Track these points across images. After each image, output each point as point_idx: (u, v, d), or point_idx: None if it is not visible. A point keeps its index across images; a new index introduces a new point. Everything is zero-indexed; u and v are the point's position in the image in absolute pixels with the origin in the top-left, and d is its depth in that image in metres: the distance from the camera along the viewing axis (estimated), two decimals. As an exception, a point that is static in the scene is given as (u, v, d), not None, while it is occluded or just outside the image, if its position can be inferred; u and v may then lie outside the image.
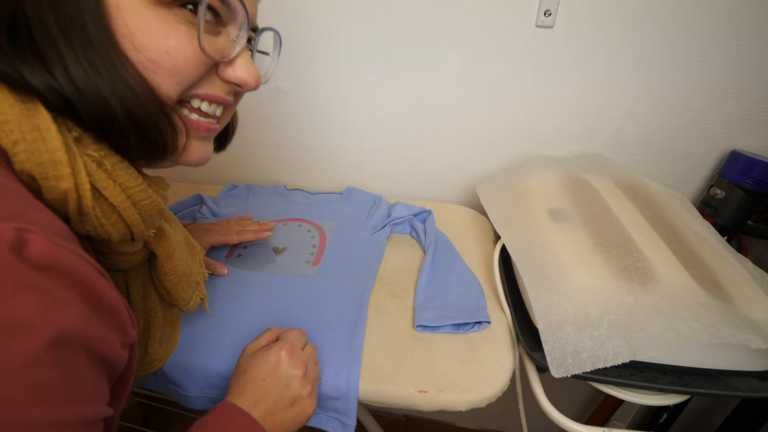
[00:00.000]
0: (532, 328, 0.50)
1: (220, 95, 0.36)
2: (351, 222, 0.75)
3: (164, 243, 0.41)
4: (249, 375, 0.42)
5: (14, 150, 0.25)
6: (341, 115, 0.81)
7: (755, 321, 0.45)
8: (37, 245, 0.21)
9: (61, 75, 0.26)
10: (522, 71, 0.71)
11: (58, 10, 0.25)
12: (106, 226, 0.30)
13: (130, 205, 0.31)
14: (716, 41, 0.64)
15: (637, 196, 0.64)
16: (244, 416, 0.38)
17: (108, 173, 0.29)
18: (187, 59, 0.30)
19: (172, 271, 0.43)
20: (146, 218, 0.34)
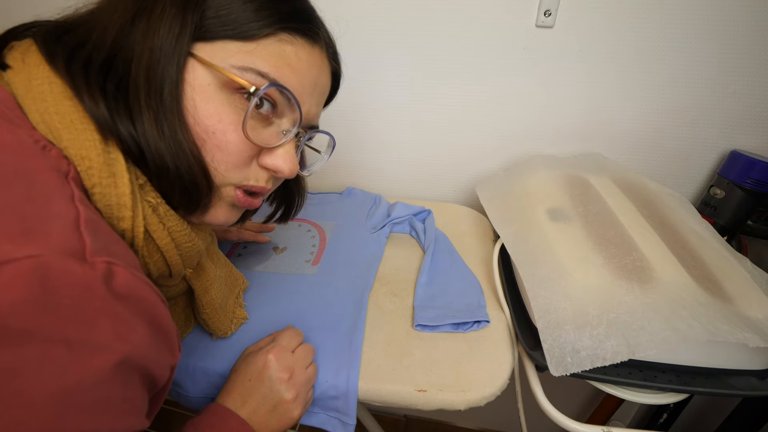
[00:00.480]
0: (531, 327, 0.50)
1: (260, 185, 0.38)
2: (351, 222, 0.75)
3: (203, 278, 0.45)
4: (238, 375, 0.43)
5: (92, 191, 0.29)
6: (341, 114, 0.81)
7: (754, 320, 0.45)
8: (120, 277, 0.25)
9: (140, 129, 0.31)
10: (522, 71, 0.71)
11: (149, 79, 0.30)
12: (150, 264, 0.34)
13: (173, 247, 0.35)
14: (716, 41, 0.64)
15: (637, 195, 0.64)
16: (234, 417, 0.40)
17: (160, 218, 0.33)
18: (229, 142, 0.34)
19: (209, 305, 0.47)
20: (185, 258, 0.38)
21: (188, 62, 0.32)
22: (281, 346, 0.45)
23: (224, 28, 0.32)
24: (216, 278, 0.47)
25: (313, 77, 0.38)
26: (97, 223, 0.27)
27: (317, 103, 0.41)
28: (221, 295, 0.48)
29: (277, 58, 0.34)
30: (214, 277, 0.46)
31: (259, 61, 0.33)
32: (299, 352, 0.46)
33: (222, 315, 0.49)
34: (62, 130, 0.28)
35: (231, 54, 0.33)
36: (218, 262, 0.49)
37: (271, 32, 0.33)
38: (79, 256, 0.23)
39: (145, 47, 0.30)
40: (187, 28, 0.31)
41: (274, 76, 0.34)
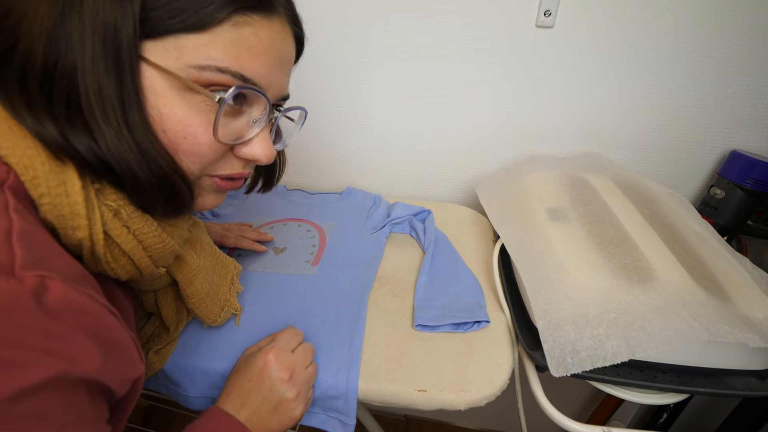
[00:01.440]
0: (531, 327, 0.50)
1: (236, 172, 0.38)
2: (351, 222, 0.75)
3: (184, 270, 0.44)
4: (238, 375, 0.43)
5: (39, 201, 0.27)
6: (341, 114, 0.81)
7: (754, 320, 0.45)
8: (55, 291, 0.24)
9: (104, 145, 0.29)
10: (522, 71, 0.71)
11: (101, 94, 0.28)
12: (116, 268, 0.33)
13: (141, 250, 0.34)
14: (716, 41, 0.64)
15: (637, 195, 0.64)
16: (232, 421, 0.40)
17: (123, 221, 0.32)
18: (201, 145, 0.33)
19: (194, 295, 0.46)
20: (157, 259, 0.36)
21: (141, 67, 0.29)
22: (281, 346, 0.45)
23: (172, 21, 0.29)
24: (200, 268, 0.45)
25: (277, 52, 0.35)
26: (32, 235, 0.25)
27: (284, 74, 0.38)
28: (207, 284, 0.47)
29: (236, 46, 0.31)
30: (197, 268, 0.45)
31: (216, 53, 0.30)
32: (299, 352, 0.46)
33: (210, 303, 0.48)
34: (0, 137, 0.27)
35: (186, 51, 0.30)
36: (202, 251, 0.47)
37: (224, 17, 0.30)
38: (7, 270, 0.22)
39: (86, 55, 0.27)
40: (130, 25, 0.27)
41: (236, 68, 0.31)
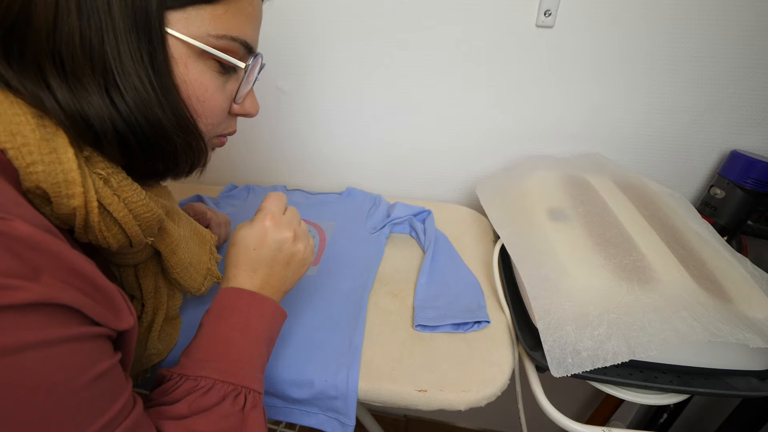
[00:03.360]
0: (531, 327, 0.50)
1: (231, 130, 0.42)
2: (351, 222, 0.75)
3: (167, 240, 0.43)
4: (239, 248, 0.43)
5: (29, 170, 0.27)
6: (341, 115, 0.81)
7: (754, 320, 0.45)
8: (21, 229, 0.22)
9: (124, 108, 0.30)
10: (522, 71, 0.71)
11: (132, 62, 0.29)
12: (108, 237, 0.33)
13: (132, 218, 0.34)
14: (716, 41, 0.64)
15: (637, 195, 0.64)
16: (244, 294, 0.41)
17: (113, 190, 0.32)
18: (215, 107, 0.36)
19: (178, 265, 0.45)
20: (145, 228, 0.37)
21: (167, 38, 0.31)
22: (273, 211, 0.44)
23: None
24: (181, 238, 0.46)
25: (260, 15, 0.38)
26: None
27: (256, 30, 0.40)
28: (190, 254, 0.47)
29: (241, 16, 0.34)
30: (178, 238, 0.45)
31: (230, 23, 0.33)
32: (290, 213, 0.46)
33: (194, 272, 0.48)
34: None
35: (205, 22, 0.32)
36: (180, 222, 0.48)
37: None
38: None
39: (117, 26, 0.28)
40: None
41: (243, 36, 0.35)
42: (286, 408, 0.48)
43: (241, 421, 0.35)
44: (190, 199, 0.79)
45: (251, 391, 0.37)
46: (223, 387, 0.35)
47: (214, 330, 0.39)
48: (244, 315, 0.40)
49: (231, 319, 0.40)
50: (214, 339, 0.38)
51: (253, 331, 0.40)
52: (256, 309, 0.41)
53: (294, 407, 0.48)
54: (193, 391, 0.34)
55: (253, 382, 0.37)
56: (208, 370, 0.36)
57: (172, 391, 0.35)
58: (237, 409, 0.35)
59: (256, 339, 0.39)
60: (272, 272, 0.43)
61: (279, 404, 0.48)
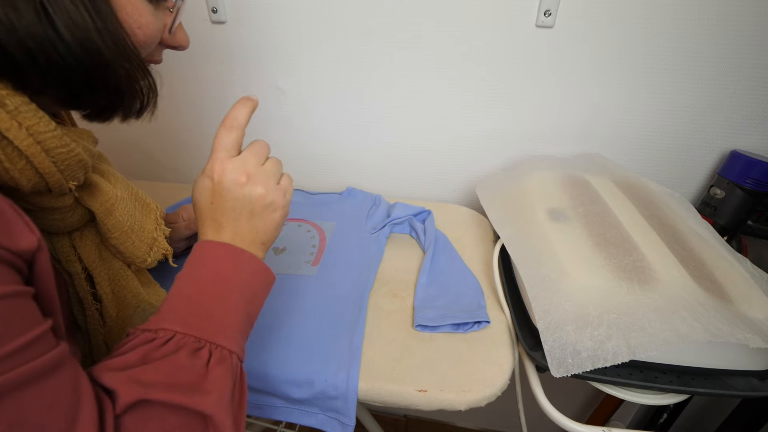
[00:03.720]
0: (531, 327, 0.50)
1: (158, 59, 0.40)
2: (351, 222, 0.75)
3: (100, 198, 0.39)
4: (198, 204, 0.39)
5: None
6: (341, 115, 0.81)
7: (754, 320, 0.45)
8: None
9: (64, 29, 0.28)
10: (522, 71, 0.71)
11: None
12: (12, 171, 0.29)
13: (41, 150, 0.30)
14: (716, 41, 0.64)
15: (636, 195, 0.64)
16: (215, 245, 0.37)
17: (11, 114, 0.28)
18: (151, 33, 0.35)
19: (116, 228, 0.41)
20: (63, 168, 0.32)
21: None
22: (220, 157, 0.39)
23: None
24: (118, 198, 0.41)
25: None
26: None
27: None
28: (129, 217, 0.43)
29: None
30: (114, 197, 0.41)
31: None
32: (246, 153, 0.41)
33: (136, 240, 0.43)
34: None
35: None
36: (117, 183, 0.43)
37: None
38: None
39: None
40: None
41: None
42: (286, 408, 0.48)
43: (202, 376, 0.31)
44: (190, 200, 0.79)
45: (219, 346, 0.33)
46: (183, 339, 0.32)
47: (184, 284, 0.35)
48: (214, 266, 0.36)
49: (201, 272, 0.36)
50: (183, 293, 0.35)
51: (226, 283, 0.36)
52: (228, 259, 0.37)
53: (294, 407, 0.48)
54: (150, 342, 0.31)
55: (223, 338, 0.33)
56: (169, 322, 0.32)
57: (128, 343, 0.31)
58: (198, 363, 0.31)
59: (230, 292, 0.36)
60: (238, 223, 0.38)
61: (279, 404, 0.48)
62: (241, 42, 0.75)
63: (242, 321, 0.36)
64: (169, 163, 0.94)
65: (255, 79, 0.79)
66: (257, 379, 0.47)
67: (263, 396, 0.48)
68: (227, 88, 0.80)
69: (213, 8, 0.71)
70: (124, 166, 0.94)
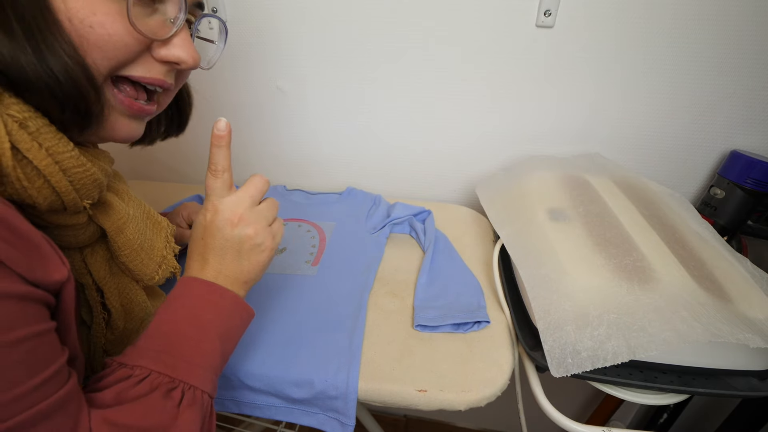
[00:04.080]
0: (531, 327, 0.50)
1: (157, 77, 0.35)
2: (350, 222, 0.75)
3: (112, 216, 0.40)
4: (191, 241, 0.41)
5: None
6: (341, 115, 0.81)
7: (754, 320, 0.45)
8: None
9: None
10: (522, 71, 0.71)
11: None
12: (30, 189, 0.29)
13: (58, 170, 0.30)
14: (716, 41, 0.64)
15: (637, 195, 0.64)
16: (198, 282, 0.38)
17: (32, 136, 0.28)
18: (112, 35, 0.30)
19: (126, 246, 0.42)
20: (79, 187, 0.33)
21: None
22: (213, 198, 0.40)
23: None
24: (130, 217, 0.42)
25: None
26: None
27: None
28: (140, 235, 0.43)
29: None
30: (126, 216, 0.41)
31: None
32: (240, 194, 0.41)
33: (146, 257, 0.44)
34: None
35: None
36: (130, 202, 0.44)
37: None
38: None
39: None
40: None
41: None
42: (286, 408, 0.48)
43: (173, 417, 0.31)
44: (190, 199, 0.79)
45: (192, 387, 0.33)
46: (158, 378, 0.32)
47: (163, 319, 0.36)
48: (193, 303, 0.37)
49: (181, 309, 0.37)
50: (161, 328, 0.36)
51: (204, 323, 0.37)
52: (208, 298, 0.38)
53: (294, 407, 0.48)
54: (124, 379, 0.32)
55: (196, 379, 0.34)
56: (146, 360, 0.33)
57: (104, 378, 0.32)
58: (170, 405, 0.32)
59: (207, 331, 0.36)
60: (223, 261, 0.39)
61: (279, 404, 0.48)
62: (241, 41, 0.75)
63: (217, 360, 0.37)
64: (171, 164, 0.94)
65: (255, 79, 0.79)
66: (257, 379, 0.47)
67: (263, 396, 0.48)
68: (228, 88, 0.81)
69: (213, 8, 0.71)
70: (126, 167, 0.94)
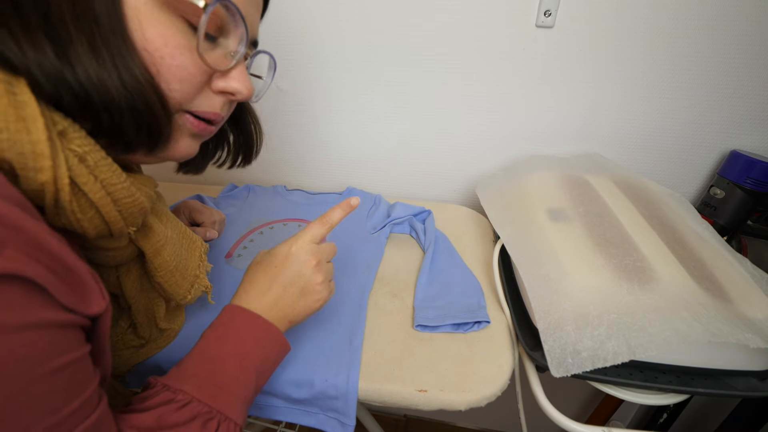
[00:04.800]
0: (531, 327, 0.50)
1: (216, 111, 0.37)
2: (351, 222, 0.75)
3: (152, 239, 0.41)
4: (259, 266, 0.43)
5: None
6: (341, 114, 0.81)
7: (754, 320, 0.45)
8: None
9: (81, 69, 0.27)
10: (522, 71, 0.71)
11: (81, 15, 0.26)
12: (83, 221, 0.30)
13: (110, 201, 0.31)
14: (716, 41, 0.64)
15: (637, 195, 0.64)
16: (246, 314, 0.40)
17: (90, 169, 0.29)
18: (180, 66, 0.32)
19: (163, 267, 0.43)
20: (126, 216, 0.34)
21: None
22: (305, 236, 0.44)
23: None
24: (168, 239, 0.43)
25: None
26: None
27: (257, 13, 0.38)
28: (176, 257, 0.44)
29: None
30: (164, 238, 0.42)
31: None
32: (326, 247, 0.46)
33: (180, 277, 0.45)
34: None
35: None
36: (168, 223, 0.45)
37: None
38: None
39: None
40: None
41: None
42: (286, 408, 0.48)
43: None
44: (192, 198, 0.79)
45: (227, 419, 0.35)
46: (198, 407, 0.34)
47: (208, 346, 0.38)
48: (240, 337, 0.39)
49: (226, 339, 0.38)
50: (205, 355, 0.37)
51: (246, 357, 0.38)
52: (254, 333, 0.40)
53: (294, 407, 0.48)
54: (168, 403, 0.33)
55: (232, 410, 0.36)
56: (190, 386, 0.35)
57: (149, 399, 0.33)
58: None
59: (248, 366, 0.38)
60: (285, 294, 0.42)
61: (279, 404, 0.48)
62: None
63: (251, 393, 0.38)
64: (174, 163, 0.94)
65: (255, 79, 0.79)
66: (257, 379, 0.47)
67: (263, 396, 0.48)
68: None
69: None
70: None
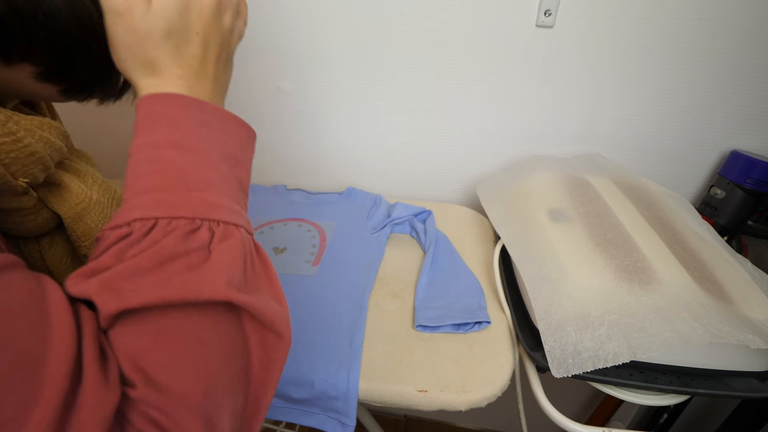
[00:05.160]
0: (532, 328, 0.50)
1: None
2: (351, 222, 0.75)
3: (69, 201, 0.34)
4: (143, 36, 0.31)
5: None
6: (341, 114, 0.81)
7: (755, 321, 0.45)
8: None
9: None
10: (522, 71, 0.71)
11: None
12: None
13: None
14: (716, 41, 0.64)
15: (637, 196, 0.64)
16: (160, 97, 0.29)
17: None
18: None
19: (87, 236, 0.35)
20: (9, 162, 0.27)
21: None
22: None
23: None
24: (91, 201, 0.35)
25: None
26: None
27: None
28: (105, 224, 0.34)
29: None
30: (87, 200, 0.35)
31: None
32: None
33: None
34: None
35: None
36: (94, 185, 0.37)
37: None
38: None
39: None
40: None
41: None
42: (286, 408, 0.48)
43: (203, 260, 0.25)
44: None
45: (220, 222, 0.27)
46: (170, 224, 0.25)
47: (140, 156, 0.28)
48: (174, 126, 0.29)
49: (158, 135, 0.28)
50: (143, 170, 0.28)
51: (198, 146, 0.28)
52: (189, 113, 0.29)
53: (294, 407, 0.48)
54: (123, 238, 0.25)
55: (216, 209, 0.27)
56: (142, 209, 0.26)
57: (98, 250, 0.25)
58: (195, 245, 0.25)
59: (204, 155, 0.29)
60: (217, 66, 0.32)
61: (279, 404, 0.48)
62: (241, 41, 0.75)
63: (233, 184, 0.30)
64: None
65: (256, 79, 0.79)
66: (257, 380, 0.47)
67: (263, 396, 0.48)
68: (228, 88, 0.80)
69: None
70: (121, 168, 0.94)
